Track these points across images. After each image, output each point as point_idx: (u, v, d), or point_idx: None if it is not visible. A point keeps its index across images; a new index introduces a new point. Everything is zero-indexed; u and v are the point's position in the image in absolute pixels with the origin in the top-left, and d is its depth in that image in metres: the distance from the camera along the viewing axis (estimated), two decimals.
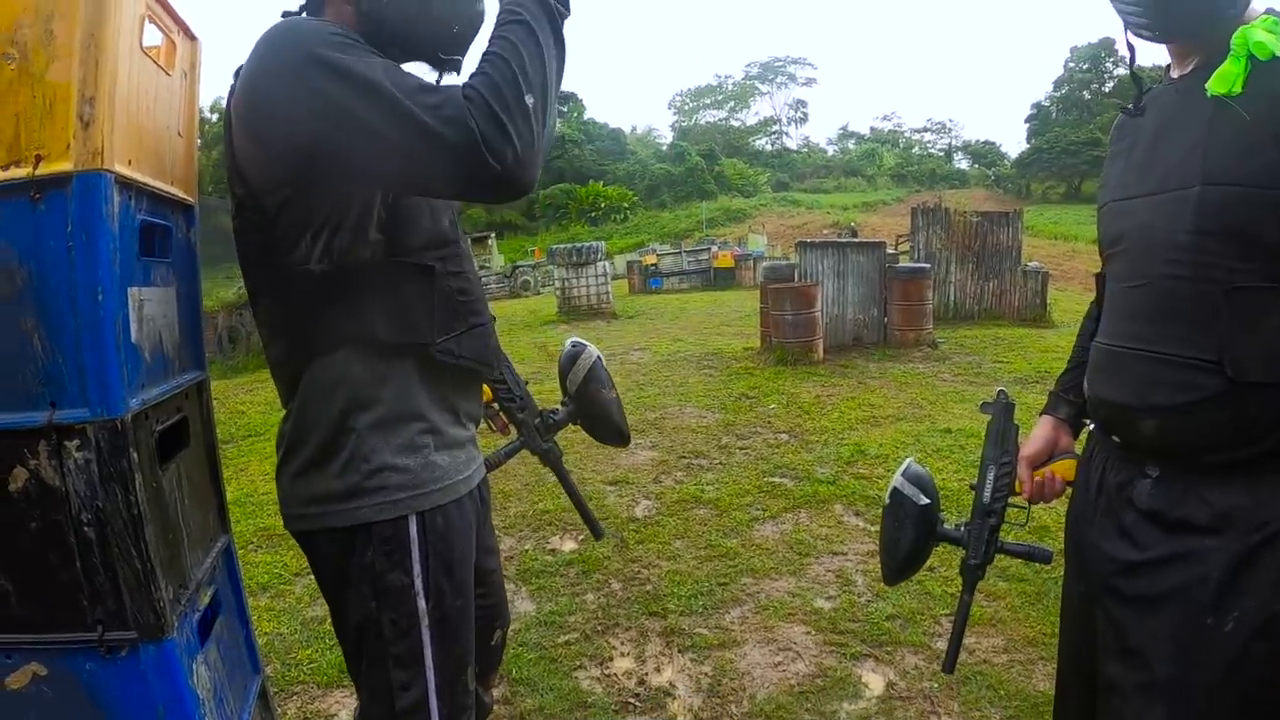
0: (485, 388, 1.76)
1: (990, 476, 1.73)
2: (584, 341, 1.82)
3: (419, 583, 1.34)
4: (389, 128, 1.10)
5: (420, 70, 1.45)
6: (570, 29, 1.29)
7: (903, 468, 1.79)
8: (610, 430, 1.84)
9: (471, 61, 1.48)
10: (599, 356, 1.80)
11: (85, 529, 1.24)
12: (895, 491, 1.75)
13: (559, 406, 1.79)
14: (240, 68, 1.24)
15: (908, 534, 1.74)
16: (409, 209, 1.32)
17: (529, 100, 1.14)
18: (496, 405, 1.81)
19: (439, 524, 1.37)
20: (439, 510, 1.37)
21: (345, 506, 1.31)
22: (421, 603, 1.34)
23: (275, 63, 1.17)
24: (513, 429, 1.87)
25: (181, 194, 1.53)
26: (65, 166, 1.18)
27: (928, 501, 1.70)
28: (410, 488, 1.34)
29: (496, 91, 1.13)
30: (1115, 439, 1.44)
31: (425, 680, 1.36)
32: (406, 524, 1.33)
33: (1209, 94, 1.21)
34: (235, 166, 1.25)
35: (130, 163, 1.29)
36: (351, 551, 1.33)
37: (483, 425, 1.69)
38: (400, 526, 1.33)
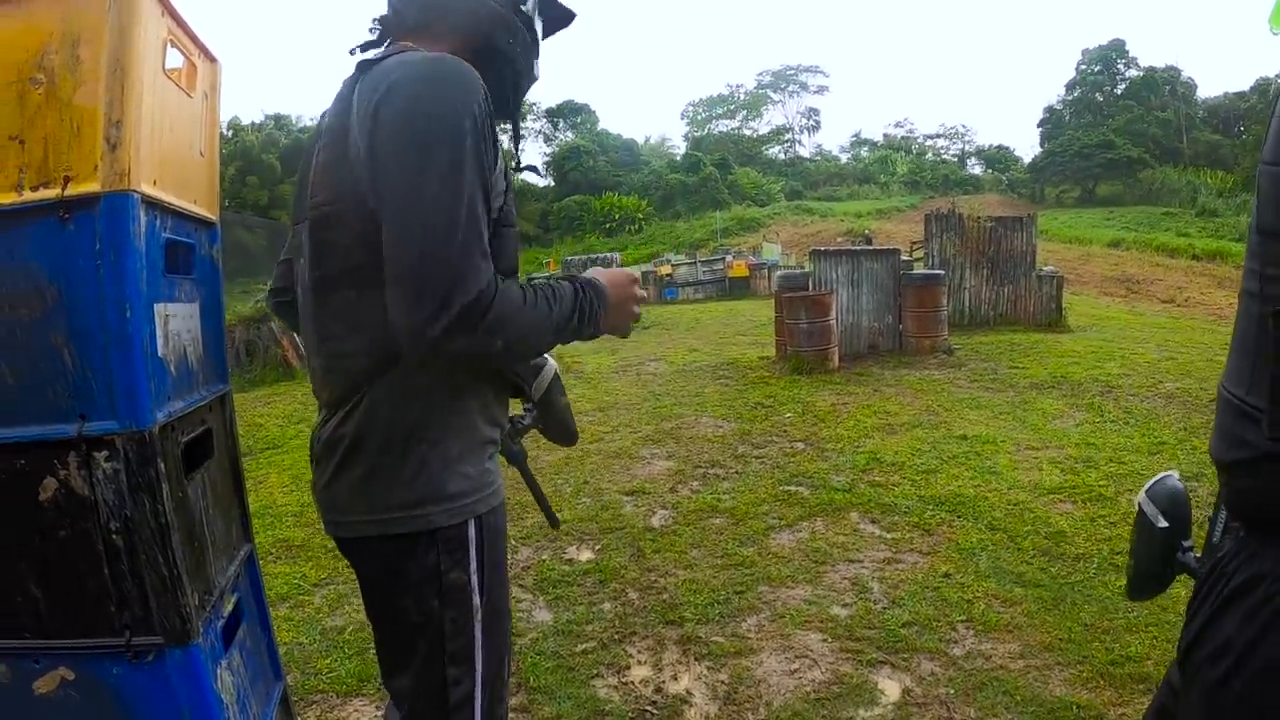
0: None
1: (1223, 515, 1.63)
2: (545, 355, 1.87)
3: (474, 580, 1.38)
4: (433, 214, 1.19)
5: None
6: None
7: (1154, 480, 1.61)
8: (564, 432, 1.89)
9: None
10: (557, 368, 1.86)
11: (113, 537, 1.27)
12: (1139, 505, 1.59)
13: (523, 411, 1.83)
14: (368, 61, 1.32)
15: (1141, 555, 1.61)
16: (507, 234, 1.37)
17: (497, 344, 1.22)
18: None
19: (491, 523, 1.41)
20: (491, 512, 1.42)
21: (416, 513, 1.33)
22: (476, 599, 1.38)
23: (432, 102, 1.23)
24: None
25: (204, 212, 1.57)
26: (93, 187, 1.22)
27: (1166, 525, 1.52)
28: (473, 492, 1.38)
29: (500, 309, 1.21)
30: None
31: (474, 674, 1.39)
32: (467, 526, 1.37)
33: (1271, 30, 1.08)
34: (349, 152, 1.28)
35: (155, 182, 1.33)
36: (413, 554, 1.35)
37: None
38: (463, 529, 1.37)
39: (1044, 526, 4.23)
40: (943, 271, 11.51)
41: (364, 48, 1.45)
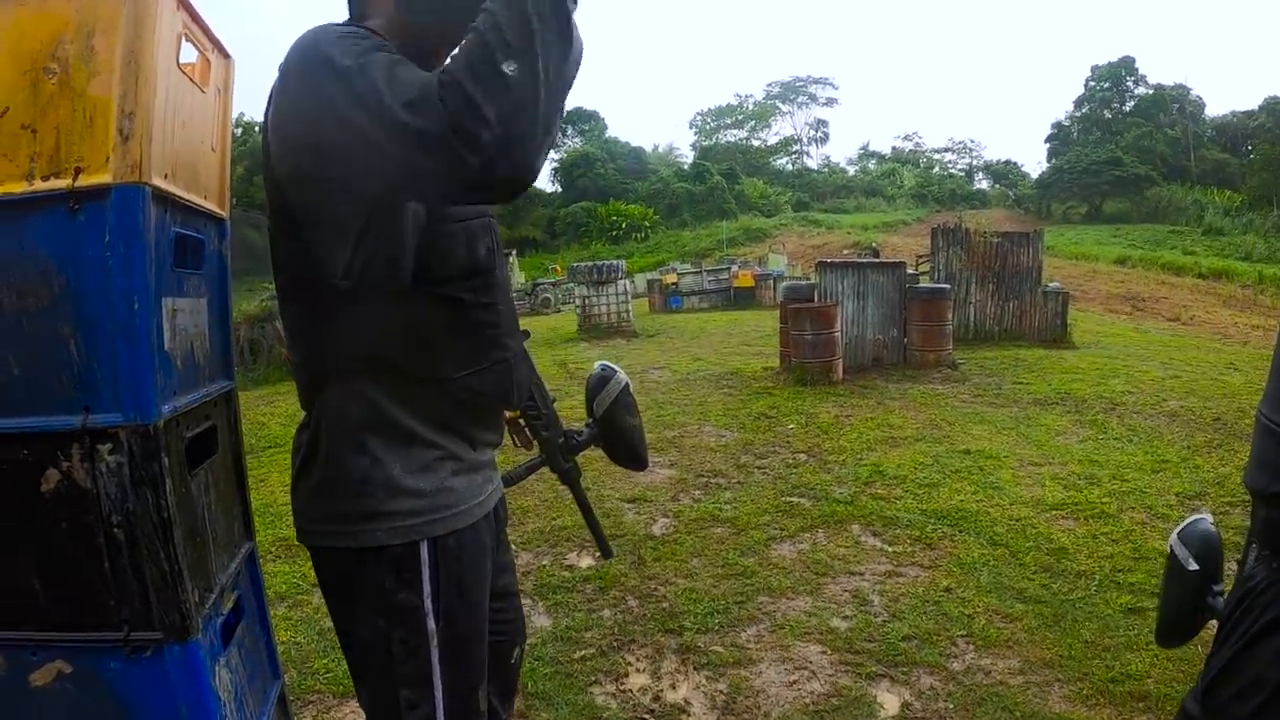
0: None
1: (1253, 553, 1.58)
2: (614, 366, 1.79)
3: (429, 603, 1.32)
4: (373, 127, 1.04)
5: None
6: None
7: (1186, 521, 1.56)
8: (631, 456, 1.80)
9: None
10: (627, 383, 1.76)
11: (115, 530, 1.27)
12: (1170, 549, 1.56)
13: (583, 428, 1.77)
14: None
15: (1172, 597, 1.58)
16: (444, 237, 1.26)
17: (507, 68, 0.99)
18: (522, 420, 1.80)
19: (451, 546, 1.35)
20: (453, 535, 1.35)
21: (359, 528, 1.30)
22: (431, 623, 1.33)
23: (293, 66, 1.16)
24: (535, 445, 1.86)
25: (214, 208, 1.57)
26: (104, 179, 1.22)
27: (1196, 569, 1.48)
28: (424, 513, 1.32)
29: (467, 66, 1.00)
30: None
31: (434, 700, 1.35)
32: (419, 548, 1.32)
33: None
34: (269, 169, 1.23)
35: (166, 176, 1.33)
36: (363, 570, 1.32)
37: (505, 440, 1.67)
38: (412, 550, 1.31)
39: (1045, 543, 4.21)
40: (948, 286, 11.49)
41: None
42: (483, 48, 1.00)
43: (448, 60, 1.07)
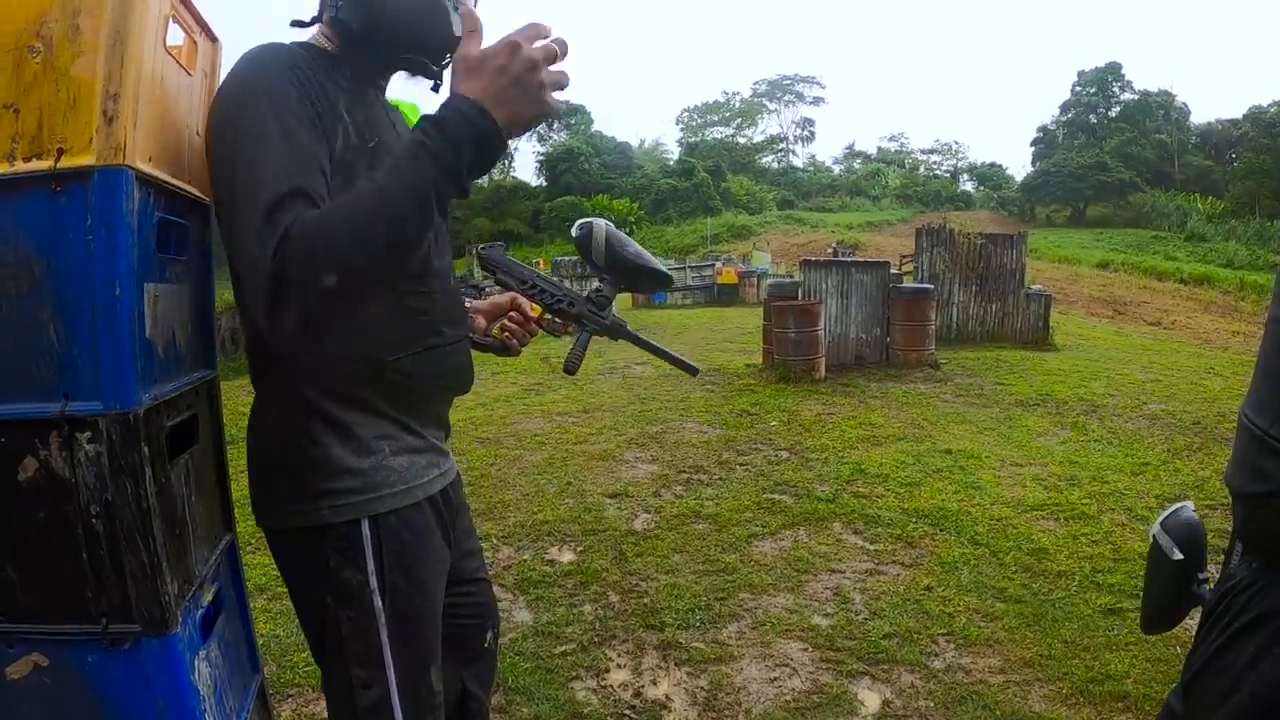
0: (534, 305, 1.78)
1: (1237, 549, 1.57)
2: (589, 219, 1.76)
3: (374, 580, 1.35)
4: (239, 198, 1.17)
5: (399, 79, 1.51)
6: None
7: (1168, 511, 1.56)
8: (651, 278, 1.75)
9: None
10: (608, 223, 1.74)
11: (93, 521, 1.24)
12: (1153, 537, 1.55)
13: (598, 283, 1.74)
14: None
15: (1155, 587, 1.58)
16: None
17: (328, 280, 1.09)
18: (549, 315, 1.79)
19: (393, 524, 1.38)
20: (394, 513, 1.38)
21: (304, 507, 1.33)
22: (378, 600, 1.35)
23: (232, 78, 1.25)
24: (571, 327, 1.80)
25: (198, 193, 1.54)
26: (87, 161, 1.19)
27: (1180, 558, 1.47)
28: (364, 490, 1.35)
29: (301, 261, 1.10)
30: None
31: (386, 679, 1.36)
32: (360, 525, 1.35)
33: None
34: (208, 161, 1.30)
35: (150, 160, 1.30)
36: (310, 549, 1.36)
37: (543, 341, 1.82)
38: (353, 527, 1.34)
39: (1026, 543, 4.23)
40: (932, 286, 11.55)
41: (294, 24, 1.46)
42: (320, 251, 1.10)
43: (317, 211, 1.15)
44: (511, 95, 1.11)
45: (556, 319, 1.78)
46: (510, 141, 1.19)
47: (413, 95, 1.63)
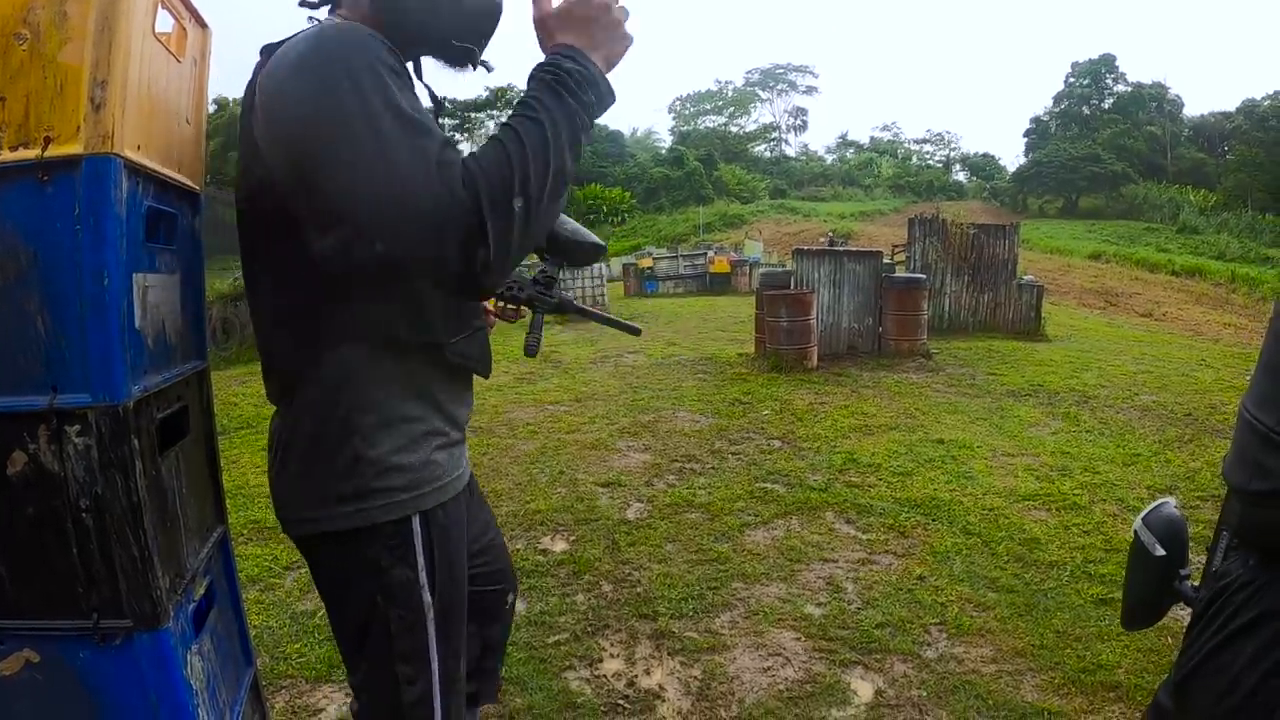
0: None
1: (1223, 544, 1.50)
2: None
3: (424, 577, 1.35)
4: (397, 164, 1.06)
5: (433, 65, 1.45)
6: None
7: (1150, 507, 1.57)
8: (590, 249, 1.78)
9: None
10: None
11: (83, 515, 1.23)
12: (1135, 533, 1.56)
13: (541, 265, 1.77)
14: (270, 46, 1.23)
15: (1137, 582, 1.59)
16: None
17: (517, 204, 1.08)
18: (500, 303, 1.81)
19: (440, 519, 1.37)
20: (440, 507, 1.38)
21: (352, 508, 1.30)
22: (427, 596, 1.35)
23: (315, 59, 1.12)
24: (523, 311, 1.84)
25: (188, 182, 1.52)
26: (75, 149, 1.17)
27: (1163, 554, 1.48)
28: (413, 487, 1.34)
29: (490, 185, 1.07)
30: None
31: (430, 673, 1.37)
32: (411, 522, 1.34)
33: None
34: (254, 146, 1.20)
35: (139, 148, 1.28)
36: (354, 550, 1.33)
37: (500, 326, 1.82)
38: (404, 524, 1.33)
39: (1018, 533, 4.25)
40: (924, 276, 11.54)
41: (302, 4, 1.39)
42: (505, 177, 1.08)
43: (473, 157, 1.11)
44: (603, 39, 1.22)
45: (509, 305, 1.79)
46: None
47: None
